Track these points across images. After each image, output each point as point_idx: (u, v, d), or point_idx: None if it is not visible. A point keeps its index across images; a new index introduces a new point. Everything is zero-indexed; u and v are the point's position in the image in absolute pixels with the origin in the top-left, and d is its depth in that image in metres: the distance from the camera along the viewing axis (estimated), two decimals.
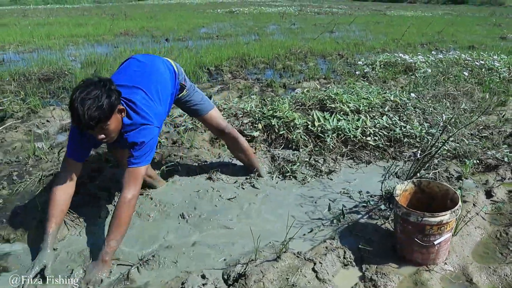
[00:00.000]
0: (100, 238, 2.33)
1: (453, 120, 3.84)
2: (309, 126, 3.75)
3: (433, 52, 8.19)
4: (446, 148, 3.41)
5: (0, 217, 2.58)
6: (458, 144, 3.52)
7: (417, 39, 10.46)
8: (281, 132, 3.70)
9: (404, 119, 3.96)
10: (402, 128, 3.73)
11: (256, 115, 4.03)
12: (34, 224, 2.46)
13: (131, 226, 2.30)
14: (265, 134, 3.78)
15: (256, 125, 3.88)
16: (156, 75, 2.41)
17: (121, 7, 26.48)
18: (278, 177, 3.13)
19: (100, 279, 2.01)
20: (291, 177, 3.13)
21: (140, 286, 2.01)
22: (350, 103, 4.17)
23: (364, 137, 3.60)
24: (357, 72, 6.45)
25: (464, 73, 6.07)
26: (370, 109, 4.11)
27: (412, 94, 4.62)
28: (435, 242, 2.05)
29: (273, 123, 3.78)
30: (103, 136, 2.10)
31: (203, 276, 2.02)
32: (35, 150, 3.51)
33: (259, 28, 13.22)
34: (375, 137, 3.62)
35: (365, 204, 2.72)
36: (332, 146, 3.52)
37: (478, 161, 3.31)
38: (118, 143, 2.31)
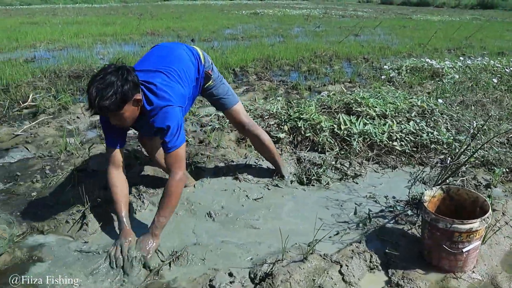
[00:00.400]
0: None
1: (483, 127, 3.78)
2: (335, 129, 3.75)
3: (460, 58, 8.05)
4: (475, 156, 3.36)
5: (34, 209, 2.67)
6: (486, 152, 3.47)
7: (444, 44, 10.30)
8: (307, 135, 3.71)
9: (431, 125, 3.91)
10: (429, 134, 3.69)
11: (282, 117, 4.05)
12: (66, 217, 2.54)
13: None
14: (291, 136, 3.80)
15: (282, 126, 3.90)
16: (177, 58, 2.45)
17: (147, 7, 26.92)
18: (304, 180, 3.14)
19: (151, 250, 2.15)
20: (316, 180, 3.13)
21: (169, 281, 2.06)
22: (376, 107, 4.15)
23: (390, 142, 3.58)
24: (382, 77, 6.39)
25: (493, 80, 5.95)
26: (397, 114, 4.08)
27: (440, 100, 4.56)
28: (464, 250, 2.03)
29: (299, 125, 3.80)
30: (116, 122, 2.18)
31: (231, 274, 2.05)
32: (67, 145, 3.61)
33: (284, 30, 13.24)
34: (402, 142, 3.60)
35: (391, 209, 2.71)
36: (358, 150, 3.51)
37: (507, 170, 3.25)
38: (147, 130, 2.37)
